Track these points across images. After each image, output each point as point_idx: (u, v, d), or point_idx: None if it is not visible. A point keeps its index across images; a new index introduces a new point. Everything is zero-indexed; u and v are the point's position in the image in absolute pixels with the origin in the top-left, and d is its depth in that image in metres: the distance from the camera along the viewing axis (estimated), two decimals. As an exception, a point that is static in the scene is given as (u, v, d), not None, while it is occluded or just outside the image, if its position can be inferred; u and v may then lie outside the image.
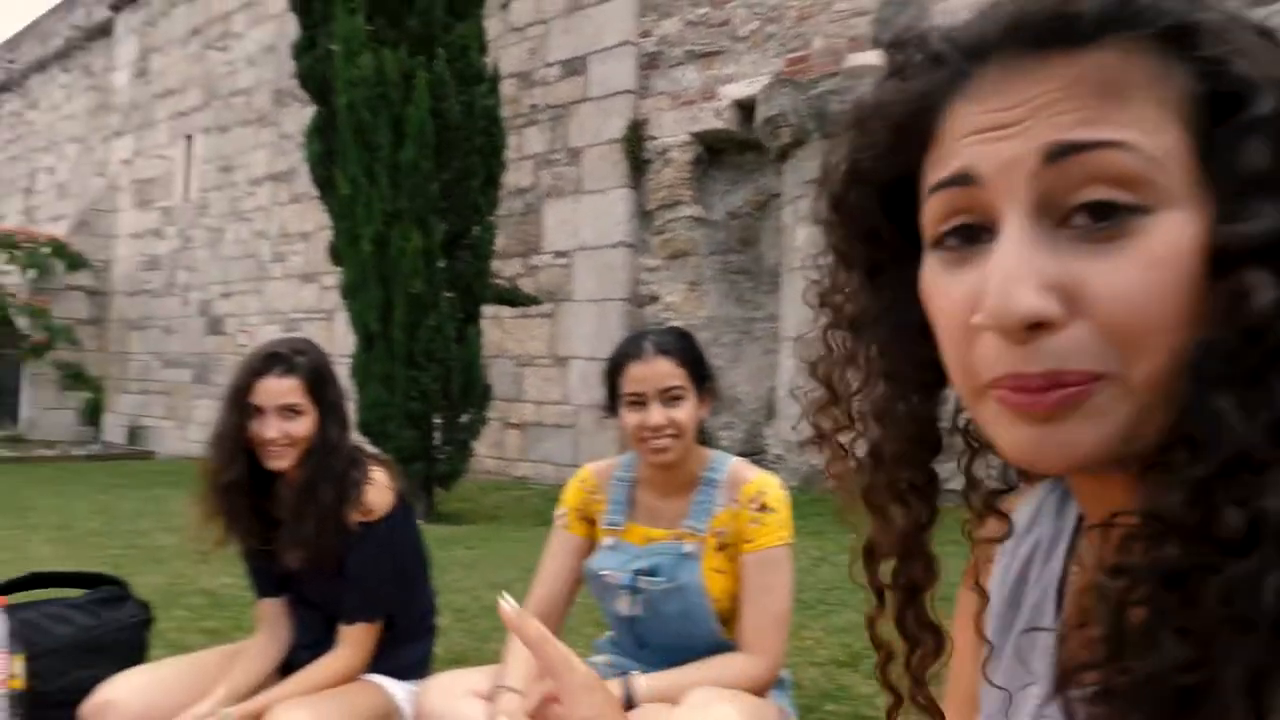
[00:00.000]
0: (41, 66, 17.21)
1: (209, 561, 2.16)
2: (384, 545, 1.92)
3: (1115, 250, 0.42)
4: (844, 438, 0.58)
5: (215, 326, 11.89)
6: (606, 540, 1.78)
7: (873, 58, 6.35)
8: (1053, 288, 0.42)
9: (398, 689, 1.97)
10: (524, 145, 8.08)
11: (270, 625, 2.06)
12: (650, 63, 7.55)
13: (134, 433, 12.88)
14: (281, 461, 1.86)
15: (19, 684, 1.99)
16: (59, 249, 12.17)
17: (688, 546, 1.68)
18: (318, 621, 2.01)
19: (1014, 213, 0.44)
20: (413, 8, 6.29)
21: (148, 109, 13.55)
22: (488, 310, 6.78)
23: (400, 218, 6.06)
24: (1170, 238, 0.42)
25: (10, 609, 2.08)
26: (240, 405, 1.87)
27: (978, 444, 0.57)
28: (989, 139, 0.45)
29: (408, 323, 6.05)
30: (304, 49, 6.88)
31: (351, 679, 1.95)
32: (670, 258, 7.33)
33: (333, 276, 7.75)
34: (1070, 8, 0.44)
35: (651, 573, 1.68)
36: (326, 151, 6.69)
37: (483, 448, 7.94)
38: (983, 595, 0.61)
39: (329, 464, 1.87)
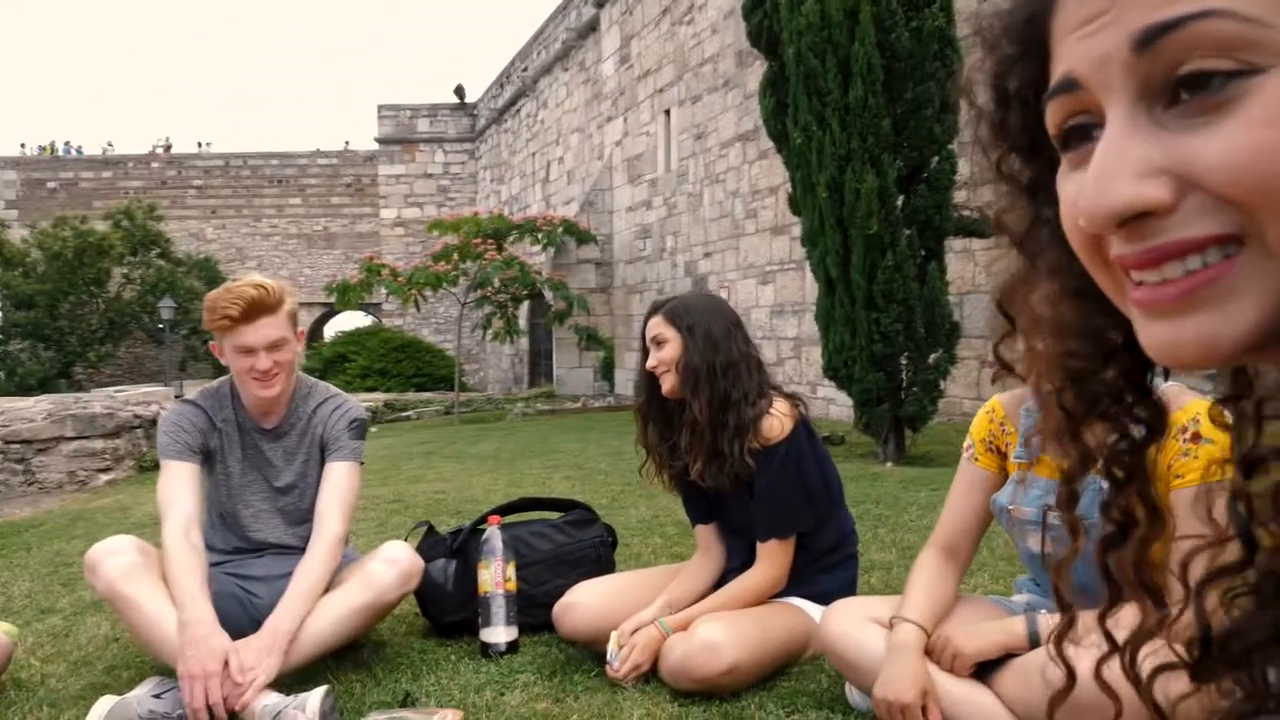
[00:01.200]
0: (547, 70, 19.97)
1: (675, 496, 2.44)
2: (785, 465, 2.12)
3: (1225, 117, 0.39)
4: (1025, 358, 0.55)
5: (700, 285, 12.89)
6: (1015, 474, 1.73)
7: None
8: (1158, 173, 0.41)
9: (817, 613, 2.08)
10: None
11: (705, 549, 2.36)
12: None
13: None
14: (664, 384, 2.19)
15: (513, 586, 2.40)
16: (570, 228, 14.07)
17: (1104, 482, 1.47)
18: (743, 546, 2.25)
19: (1115, 106, 0.43)
20: (854, -59, 6.11)
21: (631, 92, 15.03)
22: (956, 244, 6.45)
23: (852, 160, 5.98)
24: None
25: (505, 526, 2.51)
26: (642, 346, 2.27)
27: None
28: (1083, 35, 0.44)
29: (865, 265, 5.98)
30: (754, 7, 7.06)
31: (771, 591, 2.17)
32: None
33: (799, 227, 7.95)
34: None
35: None
36: (779, 104, 6.83)
37: (958, 388, 7.61)
38: None
39: (700, 376, 2.14)
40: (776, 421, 2.14)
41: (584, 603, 2.28)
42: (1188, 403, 1.50)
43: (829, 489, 2.23)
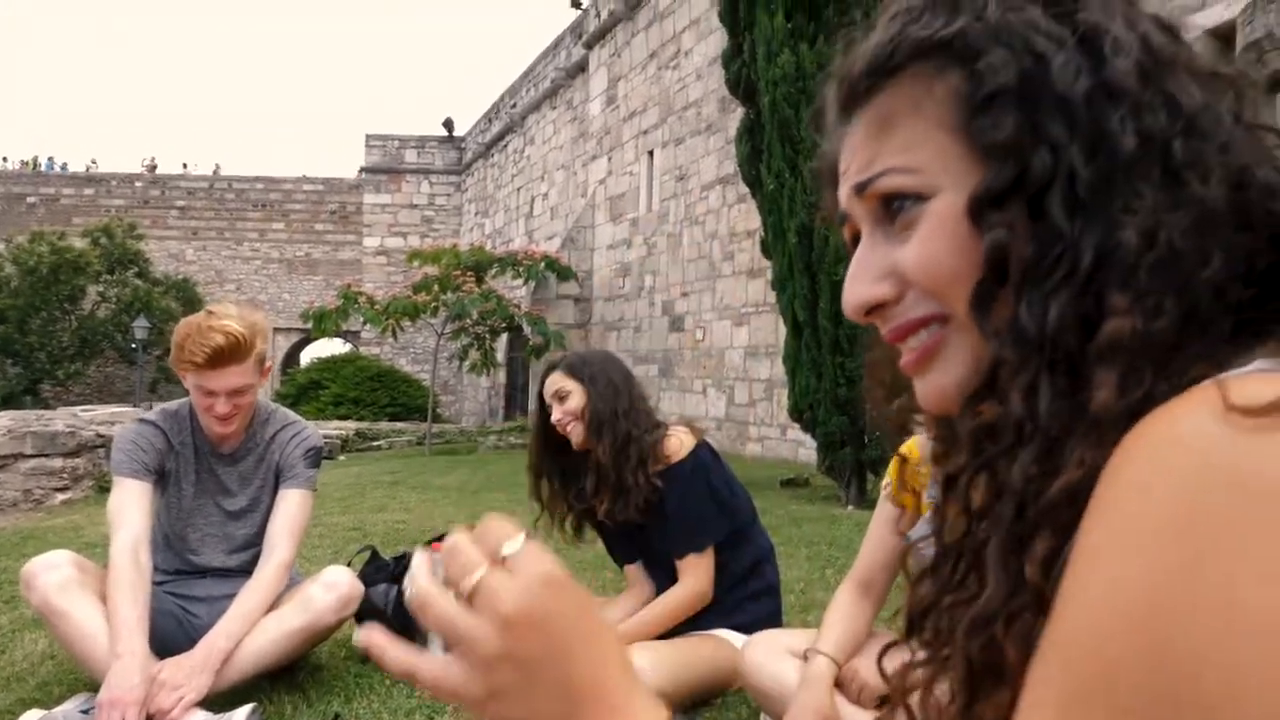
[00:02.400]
0: (535, 107, 20.20)
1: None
2: (693, 478, 2.22)
3: (910, 233, 0.54)
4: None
5: (676, 324, 12.99)
6: (927, 514, 1.71)
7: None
8: (886, 274, 0.55)
9: (740, 643, 2.10)
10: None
11: (632, 586, 2.43)
12: None
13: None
14: (573, 437, 2.28)
15: None
16: (551, 263, 14.16)
17: None
18: (668, 576, 2.30)
19: (863, 228, 0.58)
20: (830, -3, 6.29)
21: (617, 132, 15.23)
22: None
23: (823, 208, 6.10)
24: (941, 212, 0.52)
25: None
26: (540, 413, 2.38)
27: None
28: (841, 182, 0.59)
29: (833, 311, 6.07)
30: (732, 56, 7.22)
31: (696, 605, 2.23)
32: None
33: (773, 270, 8.05)
34: (847, 76, 0.57)
35: None
36: (754, 151, 6.96)
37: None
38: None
39: (605, 426, 2.23)
40: (676, 440, 2.26)
41: None
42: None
43: (738, 502, 2.32)
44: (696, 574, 2.21)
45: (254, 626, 2.21)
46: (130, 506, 2.28)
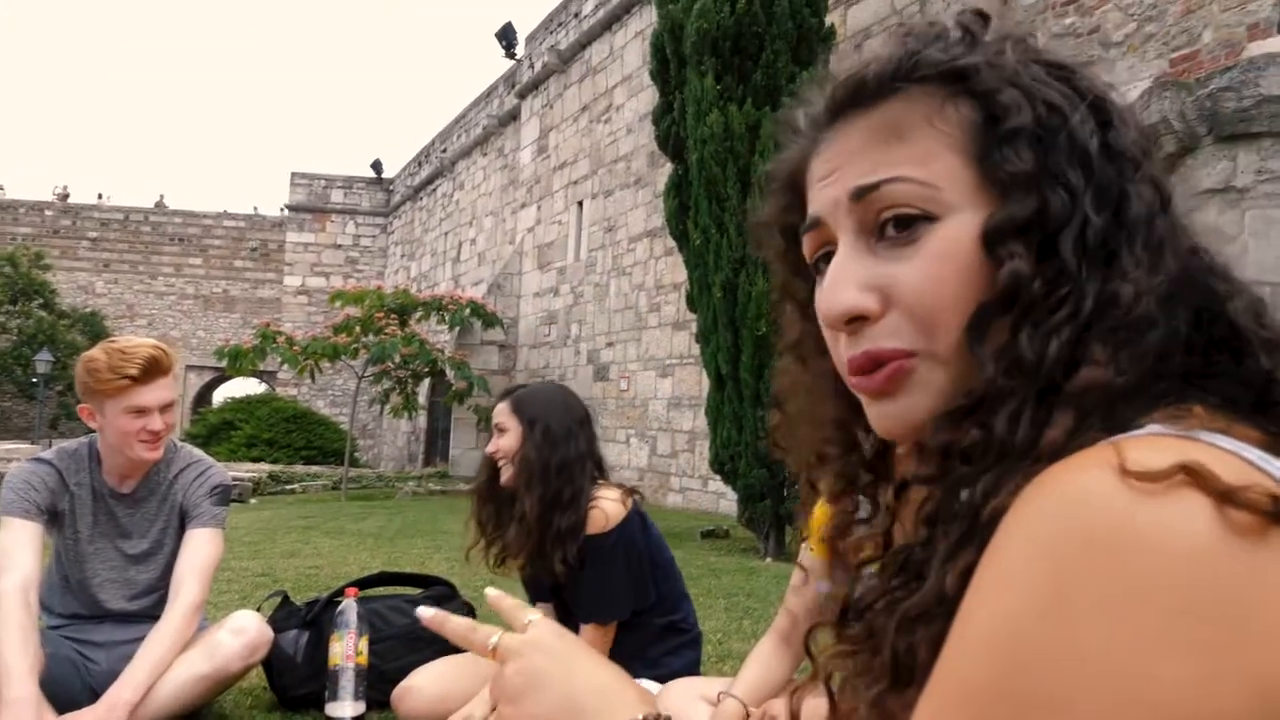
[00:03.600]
0: (466, 153, 20.25)
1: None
2: (613, 554, 2.15)
3: (913, 252, 0.54)
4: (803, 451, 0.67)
5: (601, 373, 13.02)
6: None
7: (1278, 44, 5.44)
8: (871, 288, 0.54)
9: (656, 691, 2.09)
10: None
11: None
12: (1010, 84, 7.09)
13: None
14: (503, 473, 2.22)
15: (364, 660, 2.37)
16: (476, 309, 14.10)
17: None
18: (574, 629, 2.21)
19: (844, 236, 0.57)
20: (758, 62, 6.52)
21: (547, 181, 15.35)
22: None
23: (746, 264, 6.25)
24: (951, 235, 0.53)
25: (363, 599, 2.48)
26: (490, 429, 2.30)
27: None
28: (823, 186, 0.58)
29: (755, 365, 6.19)
30: (662, 113, 7.40)
31: None
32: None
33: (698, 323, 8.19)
34: (858, 75, 0.57)
35: None
36: (682, 206, 7.11)
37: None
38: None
39: (533, 471, 2.17)
40: (600, 513, 2.17)
41: (420, 687, 2.30)
42: None
43: (660, 574, 2.27)
44: (592, 643, 2.15)
45: (161, 675, 2.14)
46: (20, 548, 2.19)
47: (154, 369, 2.25)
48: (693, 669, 2.31)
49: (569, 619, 2.30)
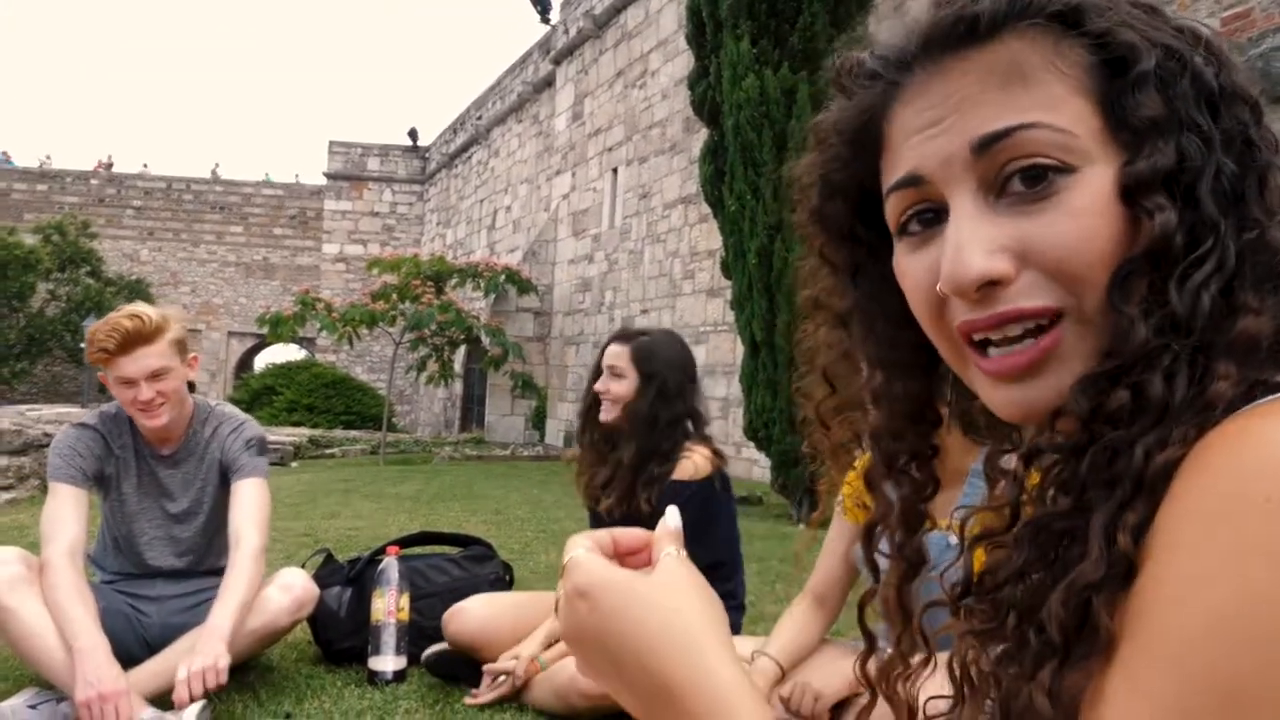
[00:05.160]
0: (501, 120, 20.23)
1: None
2: (689, 504, 2.13)
3: (1050, 207, 0.49)
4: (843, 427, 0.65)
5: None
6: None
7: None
8: (1002, 250, 0.50)
9: None
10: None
11: None
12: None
13: (570, 436, 14.57)
14: (606, 414, 2.28)
15: (406, 616, 2.44)
16: (511, 276, 14.16)
17: (953, 538, 1.63)
18: None
19: (959, 195, 0.51)
20: (795, 26, 6.44)
21: (581, 148, 15.31)
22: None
23: (783, 230, 6.22)
24: (1092, 188, 0.49)
25: (403, 558, 2.55)
26: (595, 366, 2.36)
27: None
28: (926, 138, 0.52)
29: (790, 331, 6.18)
30: (698, 78, 7.33)
31: None
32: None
33: (732, 289, 8.17)
34: (969, 10, 0.51)
35: None
36: (717, 172, 7.07)
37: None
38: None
39: (649, 430, 2.22)
40: (690, 464, 2.24)
41: (473, 609, 2.39)
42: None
43: (726, 541, 2.32)
44: None
45: (245, 616, 2.17)
46: (66, 514, 2.25)
47: (132, 340, 2.23)
48: (733, 630, 2.35)
49: None
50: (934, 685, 0.64)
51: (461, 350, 15.13)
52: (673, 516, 0.60)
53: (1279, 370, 0.46)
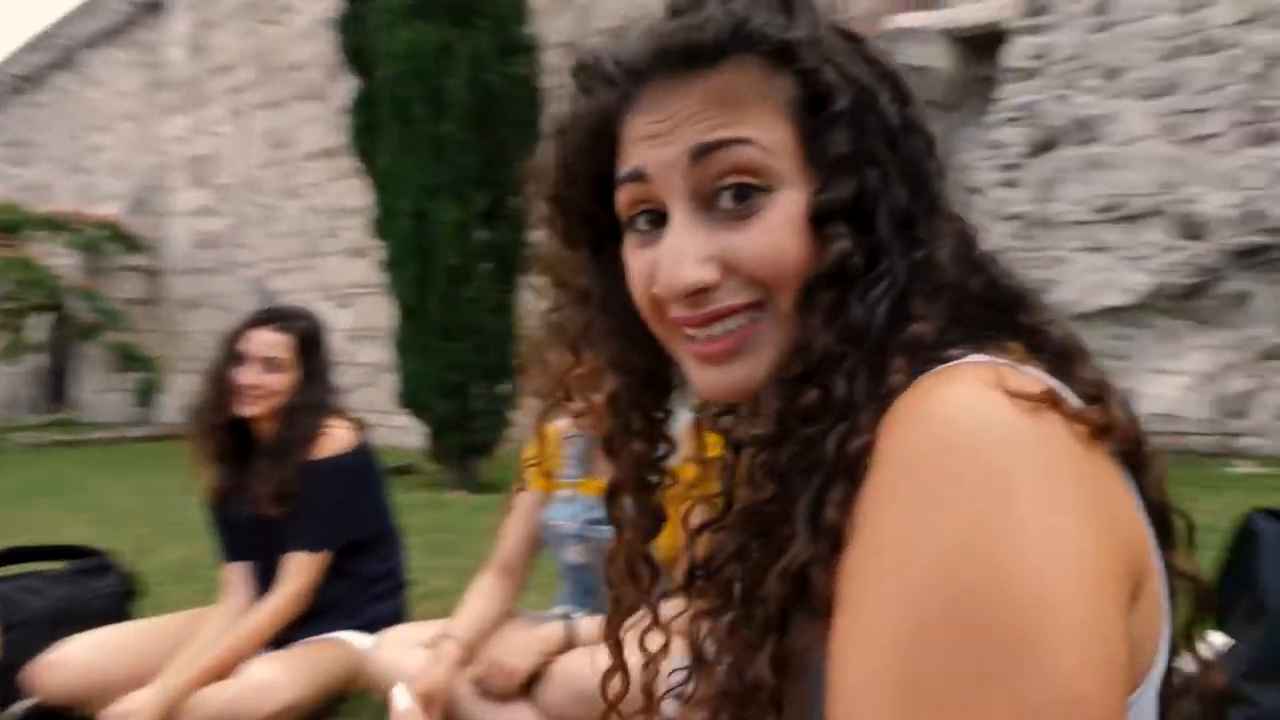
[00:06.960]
0: (95, 43, 17.45)
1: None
2: (333, 478, 2.05)
3: (752, 223, 0.57)
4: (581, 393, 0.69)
5: (270, 304, 12.00)
6: (563, 492, 1.86)
7: (919, 19, 6.06)
8: (709, 259, 0.57)
9: (366, 643, 2.01)
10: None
11: (233, 594, 2.12)
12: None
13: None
14: (253, 409, 2.03)
15: None
16: (112, 230, 12.33)
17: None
18: (273, 578, 2.08)
19: (676, 203, 0.58)
20: (452, -23, 6.16)
21: (203, 86, 13.68)
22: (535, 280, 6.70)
23: (438, 191, 5.97)
24: (786, 210, 0.57)
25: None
26: (230, 351, 2.06)
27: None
28: (652, 145, 0.58)
29: (445, 295, 5.98)
30: (348, 22, 6.81)
31: (293, 610, 2.01)
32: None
33: (382, 251, 7.75)
34: (695, 37, 0.57)
35: (601, 522, 1.66)
36: (367, 125, 6.63)
37: (528, 417, 7.88)
38: None
39: (301, 421, 2.04)
40: (332, 439, 2.09)
41: (73, 658, 1.97)
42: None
43: (376, 512, 2.20)
44: (301, 576, 2.02)
45: None
46: None
47: None
48: (398, 615, 2.21)
49: (272, 568, 2.07)
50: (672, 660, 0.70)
51: (43, 318, 12.92)
52: (401, 698, 0.60)
53: (942, 361, 0.53)
